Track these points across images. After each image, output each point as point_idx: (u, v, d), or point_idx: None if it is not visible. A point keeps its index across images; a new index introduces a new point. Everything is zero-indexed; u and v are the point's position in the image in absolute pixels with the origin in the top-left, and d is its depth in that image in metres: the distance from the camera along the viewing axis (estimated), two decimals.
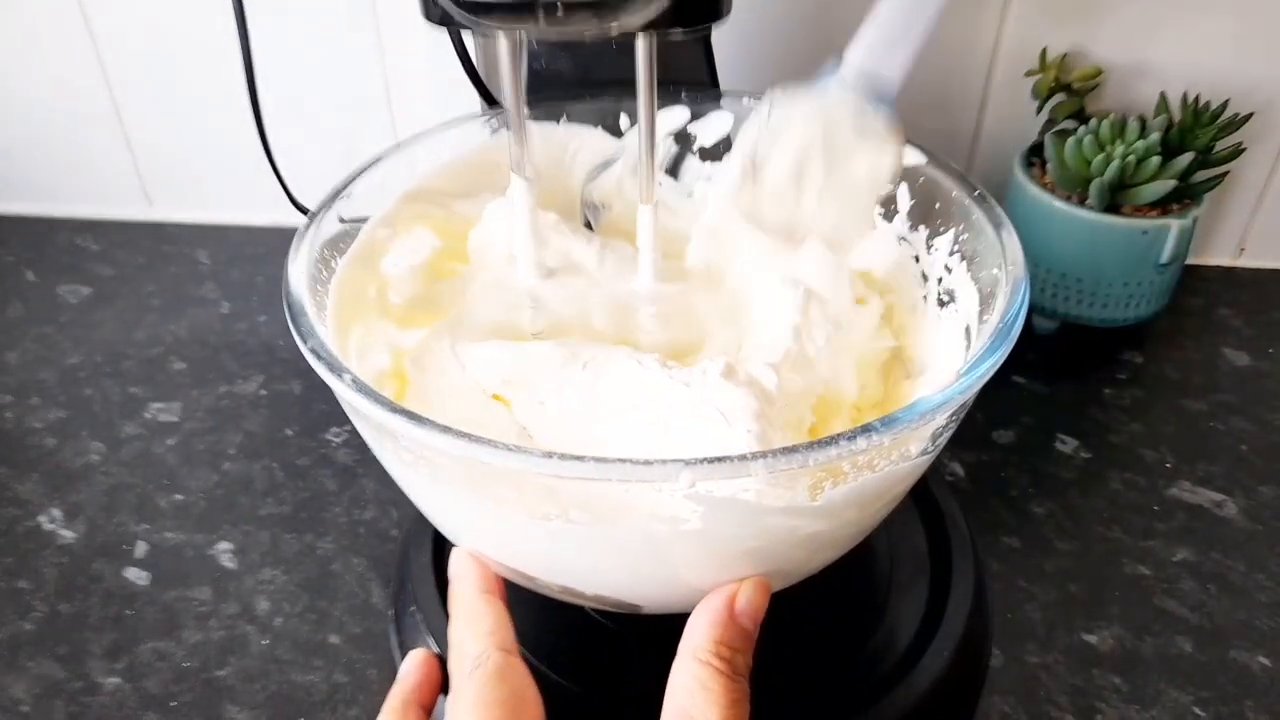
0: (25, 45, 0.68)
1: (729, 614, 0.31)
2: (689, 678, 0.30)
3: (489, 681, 0.31)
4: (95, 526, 0.52)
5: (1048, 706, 0.43)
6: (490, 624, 0.33)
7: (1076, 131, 0.58)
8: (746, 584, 0.32)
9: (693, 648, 0.31)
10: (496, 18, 0.29)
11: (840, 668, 0.40)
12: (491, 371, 0.37)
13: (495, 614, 0.33)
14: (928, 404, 0.29)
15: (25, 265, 0.71)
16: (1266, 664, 0.44)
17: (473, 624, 0.33)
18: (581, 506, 0.29)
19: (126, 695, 0.44)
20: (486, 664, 0.31)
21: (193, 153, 0.72)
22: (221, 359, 0.63)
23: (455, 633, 0.33)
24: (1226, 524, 0.51)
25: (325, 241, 0.38)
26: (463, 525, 0.35)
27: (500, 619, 0.33)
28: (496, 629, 0.32)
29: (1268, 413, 0.57)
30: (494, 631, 0.32)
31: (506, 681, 0.31)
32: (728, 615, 0.31)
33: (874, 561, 0.44)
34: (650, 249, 0.38)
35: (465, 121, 0.45)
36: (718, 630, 0.31)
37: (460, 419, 0.29)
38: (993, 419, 0.57)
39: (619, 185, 0.46)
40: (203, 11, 0.65)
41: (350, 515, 0.52)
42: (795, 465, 0.27)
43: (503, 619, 0.33)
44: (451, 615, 0.34)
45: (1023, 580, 0.48)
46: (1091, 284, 0.59)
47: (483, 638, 0.32)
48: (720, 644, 0.31)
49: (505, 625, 0.33)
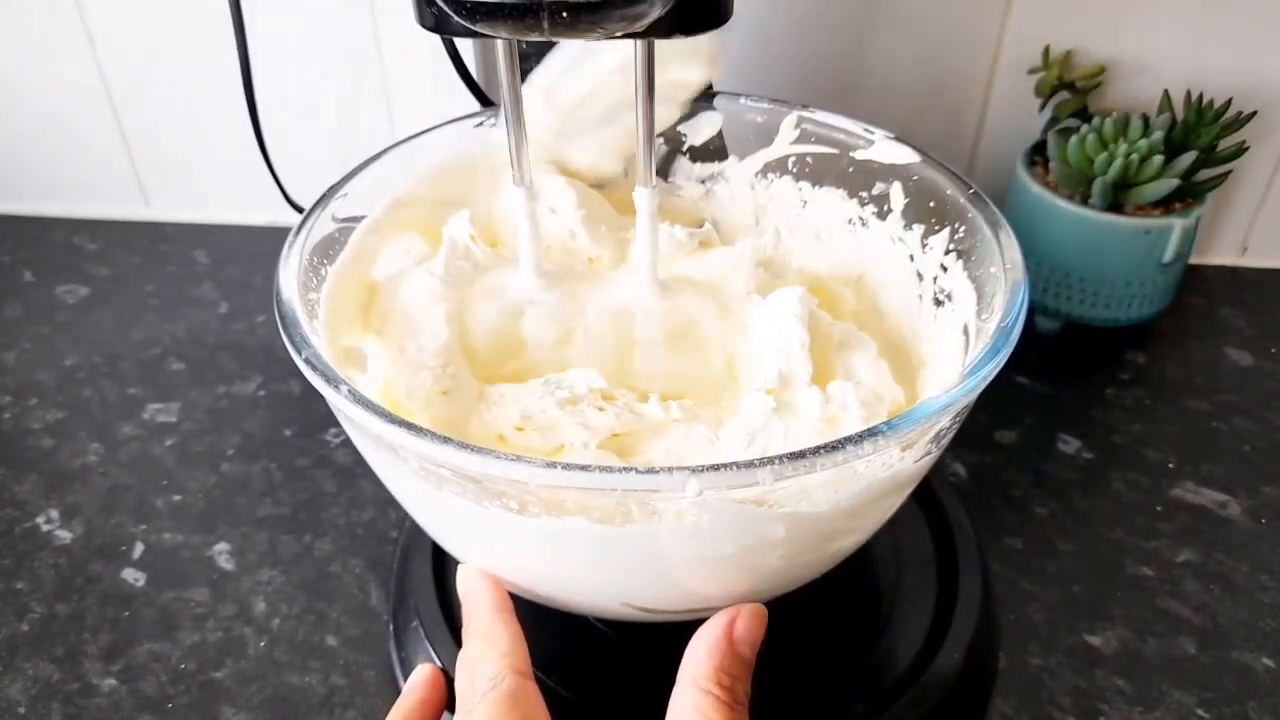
0: (23, 45, 0.68)
1: (728, 642, 0.31)
2: (689, 706, 0.30)
3: (501, 703, 0.30)
4: (93, 527, 0.51)
5: (1050, 708, 0.42)
6: (506, 645, 0.32)
7: (1079, 130, 0.57)
8: (744, 612, 0.32)
9: (692, 676, 0.31)
10: (501, 23, 0.29)
11: (849, 674, 0.40)
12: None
13: (511, 635, 0.33)
14: (931, 406, 0.29)
15: (23, 265, 0.71)
16: (1270, 665, 0.44)
17: (487, 644, 0.32)
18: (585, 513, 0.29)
19: (123, 697, 0.44)
20: (501, 685, 0.31)
21: (190, 152, 0.72)
22: (220, 359, 0.62)
23: (469, 651, 0.33)
24: (1229, 524, 0.51)
25: (316, 246, 0.38)
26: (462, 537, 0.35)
27: (516, 641, 0.33)
28: (511, 650, 0.32)
29: (1271, 413, 0.57)
30: (509, 653, 0.32)
31: (520, 705, 0.30)
32: (726, 643, 0.31)
33: (880, 567, 0.44)
34: (648, 238, 0.38)
35: (461, 121, 0.44)
36: (717, 658, 0.31)
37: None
38: (995, 419, 0.57)
39: None
40: (200, 10, 0.65)
41: (349, 516, 0.52)
42: (802, 470, 0.27)
43: (518, 641, 0.33)
44: (465, 634, 0.34)
45: (1025, 581, 0.48)
46: (1094, 283, 0.59)
47: (498, 659, 0.32)
48: (720, 672, 0.30)
49: (521, 647, 0.33)
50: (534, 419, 0.36)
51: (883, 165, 0.43)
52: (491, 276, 0.40)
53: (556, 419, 0.36)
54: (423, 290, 0.39)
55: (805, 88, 0.64)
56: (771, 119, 0.45)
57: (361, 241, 0.40)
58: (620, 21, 0.29)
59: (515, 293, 0.39)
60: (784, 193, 0.46)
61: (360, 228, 0.40)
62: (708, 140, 0.46)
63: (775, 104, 0.45)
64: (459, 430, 0.36)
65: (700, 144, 0.46)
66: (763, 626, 0.32)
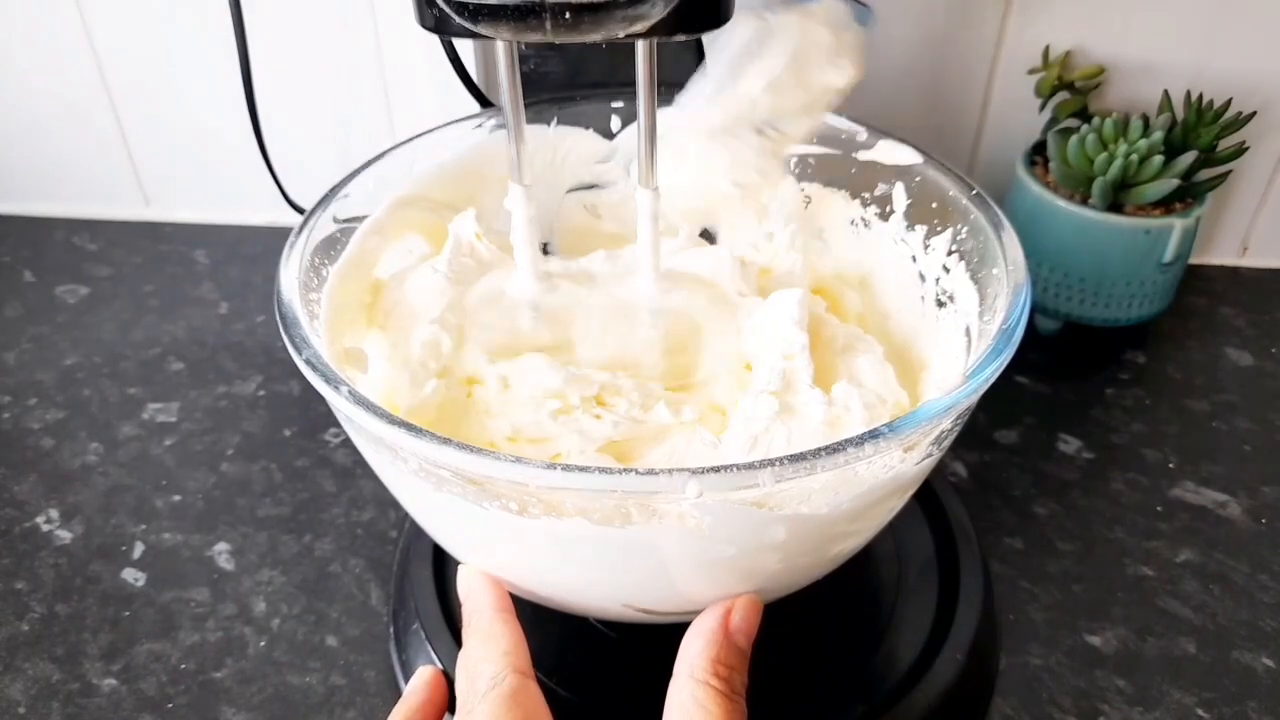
0: (22, 45, 0.68)
1: (724, 633, 0.31)
2: (687, 697, 0.30)
3: (503, 703, 0.30)
4: (93, 527, 0.51)
5: (1050, 708, 0.42)
6: (507, 645, 0.32)
7: (1079, 130, 0.57)
8: (740, 603, 0.32)
9: (689, 667, 0.31)
10: (502, 24, 0.29)
11: (851, 675, 0.40)
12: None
13: (512, 635, 0.33)
14: (933, 408, 0.29)
15: (23, 265, 0.71)
16: (1270, 665, 0.44)
17: (489, 644, 0.32)
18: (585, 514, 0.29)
19: (123, 697, 0.44)
20: (502, 685, 0.31)
21: (190, 152, 0.72)
22: (219, 359, 0.62)
23: (470, 651, 0.33)
24: (1229, 524, 0.51)
25: (317, 247, 0.38)
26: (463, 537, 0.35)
27: (517, 640, 0.33)
28: (513, 650, 0.32)
29: (1270, 413, 0.57)
30: (510, 653, 0.32)
31: (521, 705, 0.31)
32: (723, 635, 0.31)
33: (882, 567, 0.44)
34: (650, 240, 0.38)
35: (461, 122, 0.44)
36: (714, 650, 0.31)
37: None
38: (995, 419, 0.57)
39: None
40: (200, 11, 0.65)
41: (349, 516, 0.52)
42: (802, 472, 0.27)
43: (519, 641, 0.33)
44: (466, 633, 0.34)
45: (1025, 581, 0.48)
46: (1094, 283, 0.59)
47: (499, 659, 0.32)
48: (717, 663, 0.30)
49: (522, 647, 0.33)
50: (524, 430, 0.36)
51: (885, 166, 0.43)
52: (490, 278, 0.40)
53: (550, 431, 0.35)
54: (427, 287, 0.39)
55: None
56: None
57: (364, 241, 0.40)
58: (622, 22, 0.29)
59: (514, 294, 0.39)
60: (787, 193, 0.46)
61: (363, 227, 0.40)
62: None
63: None
64: (451, 429, 0.36)
65: None
66: (759, 617, 0.32)
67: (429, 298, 0.39)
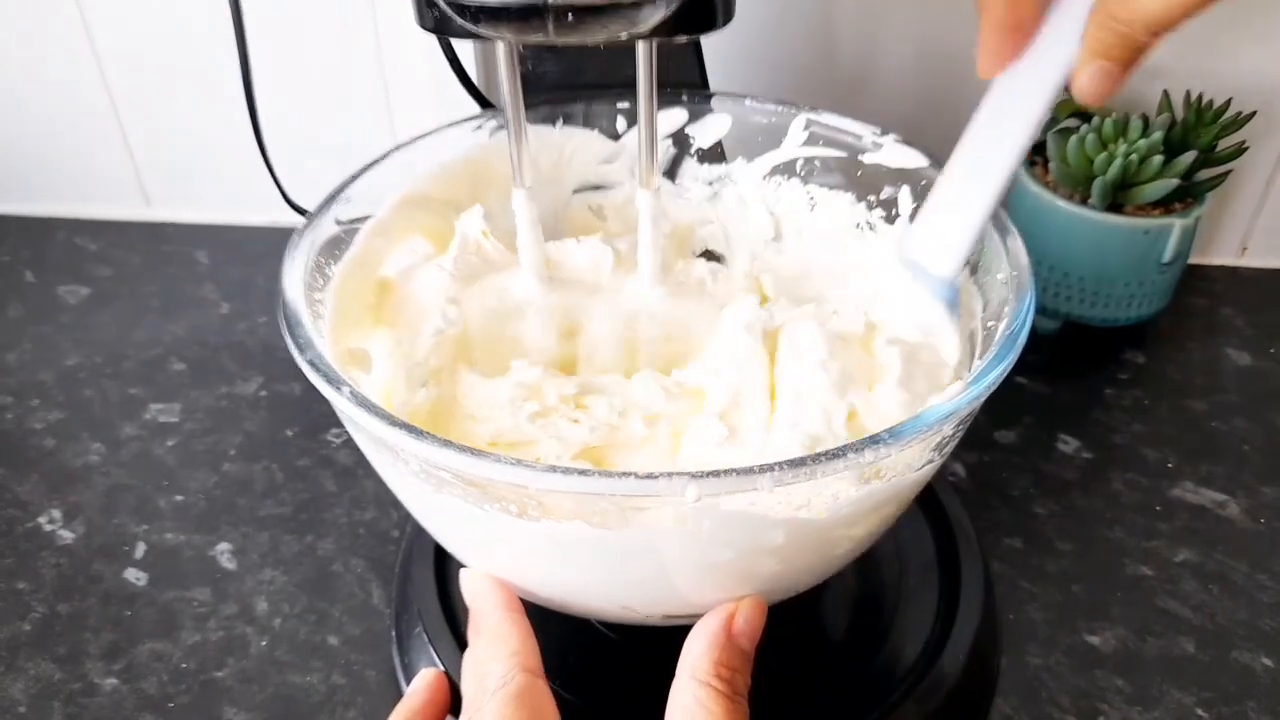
0: (22, 45, 0.68)
1: (727, 635, 0.31)
2: (689, 698, 0.30)
3: (511, 701, 0.30)
4: (94, 527, 0.52)
5: (1050, 708, 0.42)
6: (516, 644, 0.32)
7: (1079, 130, 0.57)
8: (744, 604, 0.32)
9: (692, 668, 0.31)
10: (504, 25, 0.29)
11: (852, 677, 0.40)
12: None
13: (521, 634, 0.33)
14: (935, 414, 0.29)
15: (24, 265, 0.71)
16: (1269, 665, 0.44)
17: (497, 643, 0.32)
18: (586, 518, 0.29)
19: (124, 696, 0.44)
20: (510, 684, 0.31)
21: (191, 152, 0.72)
22: (221, 359, 0.62)
23: (478, 650, 0.33)
24: (1229, 524, 0.51)
25: (321, 247, 0.37)
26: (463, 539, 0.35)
27: (525, 639, 0.33)
28: (521, 649, 0.32)
29: (1270, 413, 0.57)
30: (518, 652, 0.32)
31: (528, 704, 0.30)
32: (726, 636, 0.31)
33: (883, 567, 0.44)
34: (650, 241, 0.38)
35: (462, 124, 0.44)
36: (717, 651, 0.31)
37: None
38: (994, 419, 0.57)
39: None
40: (200, 11, 0.65)
41: (350, 516, 0.52)
42: (802, 477, 0.27)
43: (528, 639, 0.33)
44: (473, 632, 0.34)
45: (1024, 581, 0.48)
46: (1094, 283, 0.59)
47: (507, 657, 0.32)
48: (720, 664, 0.30)
49: (530, 645, 0.33)
50: (504, 434, 0.36)
51: (890, 169, 0.43)
52: (493, 279, 0.40)
53: (529, 435, 0.36)
54: (433, 285, 0.39)
55: (806, 89, 0.64)
56: (780, 121, 0.45)
57: (368, 242, 0.40)
58: (624, 23, 0.29)
59: (516, 296, 0.39)
60: (792, 196, 0.46)
61: (367, 227, 0.40)
62: (715, 142, 0.46)
63: (784, 106, 0.45)
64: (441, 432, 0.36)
65: (708, 146, 0.46)
66: (763, 619, 0.32)
67: (435, 296, 0.39)
